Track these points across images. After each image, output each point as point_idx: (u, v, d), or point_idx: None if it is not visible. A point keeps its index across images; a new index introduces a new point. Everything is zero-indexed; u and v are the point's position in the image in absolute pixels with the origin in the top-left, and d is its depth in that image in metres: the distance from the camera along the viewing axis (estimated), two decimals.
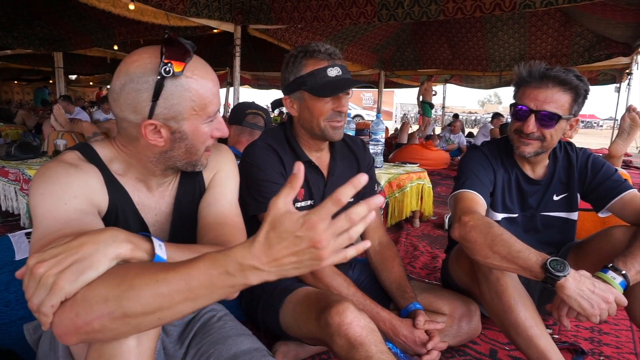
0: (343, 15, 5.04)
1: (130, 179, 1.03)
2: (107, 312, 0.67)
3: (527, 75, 1.48)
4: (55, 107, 3.36)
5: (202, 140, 0.98)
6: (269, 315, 1.38)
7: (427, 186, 3.43)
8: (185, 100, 0.92)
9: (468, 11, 4.46)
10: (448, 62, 8.88)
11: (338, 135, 1.47)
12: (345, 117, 1.47)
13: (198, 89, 0.92)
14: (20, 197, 2.60)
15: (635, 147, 12.15)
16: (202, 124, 0.96)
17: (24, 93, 17.44)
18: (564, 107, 1.46)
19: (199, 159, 1.02)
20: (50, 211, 0.83)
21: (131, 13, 5.13)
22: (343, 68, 1.42)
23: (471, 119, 30.00)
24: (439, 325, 1.37)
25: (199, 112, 0.94)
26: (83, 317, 0.68)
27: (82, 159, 0.97)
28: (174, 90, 0.90)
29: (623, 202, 1.52)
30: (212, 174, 1.13)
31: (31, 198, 0.86)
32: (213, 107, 0.96)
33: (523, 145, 1.53)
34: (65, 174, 0.90)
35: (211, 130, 0.99)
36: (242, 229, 1.07)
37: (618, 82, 9.92)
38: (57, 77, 8.36)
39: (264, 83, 14.37)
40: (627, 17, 5.44)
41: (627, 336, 1.83)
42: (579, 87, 1.46)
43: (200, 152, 1.00)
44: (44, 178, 0.88)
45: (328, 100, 1.41)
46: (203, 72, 0.94)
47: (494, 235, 1.30)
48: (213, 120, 0.99)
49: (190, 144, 0.97)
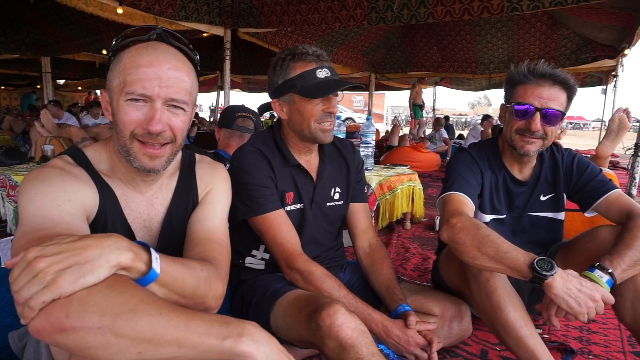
0: (332, 18, 5.06)
1: (118, 181, 1.02)
2: (98, 325, 0.66)
3: (530, 73, 1.48)
4: (43, 112, 3.33)
5: (123, 119, 0.91)
6: (259, 318, 1.37)
7: (418, 188, 3.45)
8: (116, 73, 0.92)
9: (457, 14, 4.51)
10: (438, 64, 8.96)
11: (328, 137, 1.47)
12: (335, 118, 1.47)
13: (126, 64, 0.91)
14: (7, 204, 2.57)
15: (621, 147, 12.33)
16: (122, 100, 0.91)
17: (11, 98, 17.23)
18: (563, 105, 1.49)
19: (130, 147, 0.93)
20: (42, 210, 0.83)
21: (120, 17, 5.11)
22: (331, 69, 1.43)
23: (461, 121, 30.20)
24: (430, 325, 1.38)
25: (121, 87, 0.91)
26: (73, 321, 0.66)
27: (71, 163, 0.98)
28: (112, 64, 0.95)
29: (608, 202, 1.54)
30: (206, 189, 1.14)
31: (22, 197, 0.85)
32: (136, 87, 0.89)
33: (527, 144, 1.52)
34: (59, 178, 0.90)
35: (138, 114, 0.91)
36: (228, 248, 1.08)
37: (604, 84, 10.08)
38: (45, 82, 8.30)
39: (255, 86, 14.37)
40: (612, 20, 5.54)
41: (615, 335, 1.85)
42: (573, 88, 1.50)
43: (125, 136, 0.92)
44: (38, 180, 0.88)
45: (318, 101, 1.41)
46: (144, 50, 0.92)
47: (482, 237, 1.31)
48: (142, 104, 0.91)
49: (116, 122, 0.94)
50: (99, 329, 0.65)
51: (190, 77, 0.96)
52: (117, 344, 0.66)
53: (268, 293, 1.40)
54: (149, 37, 0.94)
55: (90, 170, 0.98)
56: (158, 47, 0.93)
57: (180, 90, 0.93)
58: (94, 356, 0.67)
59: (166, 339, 0.68)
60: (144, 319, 0.67)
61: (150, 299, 0.71)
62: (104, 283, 0.69)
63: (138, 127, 0.91)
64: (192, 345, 0.69)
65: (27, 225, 0.81)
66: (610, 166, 8.22)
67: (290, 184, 1.50)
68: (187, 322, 0.70)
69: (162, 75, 0.90)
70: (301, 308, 1.26)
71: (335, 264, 1.63)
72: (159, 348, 0.68)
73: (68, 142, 3.15)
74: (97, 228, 0.97)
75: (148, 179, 1.04)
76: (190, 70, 0.97)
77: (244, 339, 0.71)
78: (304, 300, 1.28)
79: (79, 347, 0.67)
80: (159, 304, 0.71)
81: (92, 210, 0.96)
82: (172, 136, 0.95)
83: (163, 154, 0.95)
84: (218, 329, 0.71)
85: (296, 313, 1.27)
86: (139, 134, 0.92)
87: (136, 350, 0.67)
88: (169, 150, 0.96)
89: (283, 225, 1.42)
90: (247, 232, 1.50)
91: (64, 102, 13.21)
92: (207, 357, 0.71)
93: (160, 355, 0.69)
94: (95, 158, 1.01)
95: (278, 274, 1.47)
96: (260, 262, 1.56)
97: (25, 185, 0.87)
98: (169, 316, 0.69)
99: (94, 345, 0.66)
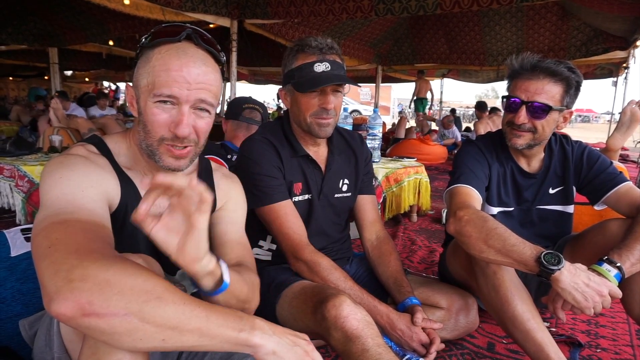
0: (340, 9, 5.02)
1: (138, 173, 1.03)
2: (124, 311, 0.66)
3: (519, 67, 1.49)
4: (53, 101, 3.33)
5: (151, 120, 0.92)
6: (265, 309, 1.38)
7: (425, 180, 3.43)
8: (145, 72, 0.92)
9: (465, 5, 4.46)
10: (445, 56, 8.87)
11: (324, 132, 1.44)
12: (333, 114, 1.43)
13: (156, 65, 0.91)
14: (16, 194, 2.59)
15: (632, 140, 12.19)
16: (150, 101, 0.91)
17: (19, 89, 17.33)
18: (554, 99, 1.46)
19: (156, 148, 0.95)
20: (66, 195, 0.83)
21: (126, 8, 5.10)
22: (333, 64, 1.39)
23: (468, 113, 29.97)
24: (436, 325, 1.38)
25: (150, 88, 0.91)
26: (96, 307, 0.65)
27: (95, 152, 0.99)
28: (141, 61, 0.94)
29: (618, 195, 1.52)
30: (224, 199, 1.16)
31: (45, 180, 0.86)
32: (164, 89, 0.90)
33: (515, 137, 1.53)
34: (84, 164, 0.91)
35: (166, 117, 0.92)
36: (252, 252, 1.18)
37: (615, 76, 9.91)
38: (52, 72, 8.32)
39: (261, 78, 14.33)
40: (624, 10, 5.44)
41: (623, 329, 1.84)
42: (570, 79, 1.46)
43: (153, 138, 0.93)
44: (62, 165, 0.89)
45: (314, 95, 1.39)
46: (175, 53, 0.91)
47: (489, 229, 1.30)
48: (169, 106, 0.92)
49: (144, 121, 0.94)
50: (125, 315, 0.66)
51: (217, 81, 0.97)
52: (143, 329, 0.67)
53: (274, 284, 1.41)
54: (179, 38, 0.94)
55: (112, 161, 0.99)
56: (188, 51, 0.93)
57: (208, 94, 0.94)
58: (118, 342, 0.68)
59: (189, 327, 0.70)
60: (170, 306, 0.69)
61: (173, 289, 0.72)
62: (125, 271, 0.70)
63: (166, 131, 0.93)
64: (212, 336, 0.72)
65: (50, 208, 0.81)
66: (620, 159, 8.13)
67: (298, 175, 1.50)
68: (207, 314, 0.72)
69: (191, 81, 0.91)
70: (307, 299, 1.26)
71: (342, 256, 1.63)
72: (181, 336, 0.70)
73: (75, 133, 3.16)
74: (118, 218, 0.98)
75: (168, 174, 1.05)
76: (217, 73, 0.98)
77: (256, 331, 0.75)
78: (310, 291, 1.29)
79: (103, 332, 0.67)
80: (182, 294, 0.73)
81: (114, 200, 0.96)
82: (195, 139, 0.96)
83: (187, 155, 0.97)
84: (233, 322, 0.74)
85: (302, 304, 1.27)
86: (168, 138, 0.93)
87: (160, 337, 0.69)
88: (192, 151, 0.98)
89: (290, 216, 1.42)
90: (254, 222, 1.50)
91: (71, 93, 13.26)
92: (222, 347, 0.74)
93: (182, 343, 0.71)
94: (115, 150, 1.02)
95: (284, 265, 1.48)
96: (267, 253, 1.56)
97: (50, 170, 0.88)
98: (191, 306, 0.71)
99: (120, 330, 0.67)
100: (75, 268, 0.67)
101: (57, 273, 0.67)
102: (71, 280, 0.66)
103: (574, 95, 1.50)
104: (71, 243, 0.73)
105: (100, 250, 0.73)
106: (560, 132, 1.63)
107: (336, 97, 1.42)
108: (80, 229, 0.77)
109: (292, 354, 0.78)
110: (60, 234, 0.75)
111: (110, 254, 0.74)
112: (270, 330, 0.78)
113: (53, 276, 0.67)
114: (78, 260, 0.69)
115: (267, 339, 0.76)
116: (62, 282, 0.66)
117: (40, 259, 0.71)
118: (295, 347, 0.79)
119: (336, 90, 1.41)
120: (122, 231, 0.99)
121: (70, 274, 0.67)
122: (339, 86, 1.41)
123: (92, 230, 0.79)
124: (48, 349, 0.95)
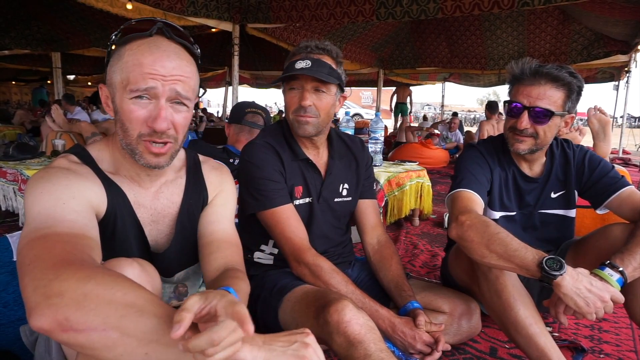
0: (341, 13, 5.03)
1: (124, 177, 1.03)
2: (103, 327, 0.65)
3: (520, 72, 1.49)
4: (53, 107, 3.35)
5: (128, 117, 0.91)
6: (267, 314, 1.38)
7: (427, 184, 3.43)
8: (118, 70, 0.92)
9: (467, 9, 4.46)
10: (447, 60, 8.87)
11: (302, 130, 1.43)
12: (314, 113, 1.40)
13: (129, 61, 0.90)
14: (19, 198, 2.60)
15: (634, 144, 12.15)
16: (127, 98, 0.91)
17: (22, 93, 17.41)
18: (557, 104, 1.46)
19: (135, 146, 0.94)
20: (47, 209, 0.83)
21: (129, 13, 5.12)
22: (316, 62, 1.37)
23: (470, 117, 29.95)
24: (439, 327, 1.37)
25: (124, 84, 0.91)
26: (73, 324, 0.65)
27: (77, 161, 0.98)
28: (113, 59, 0.94)
29: (620, 199, 1.52)
30: (216, 192, 1.16)
31: (27, 198, 0.86)
32: (140, 83, 0.89)
33: (517, 142, 1.53)
34: (64, 176, 0.90)
35: (143, 112, 0.91)
36: (241, 248, 1.15)
37: (617, 80, 9.91)
38: (55, 77, 8.36)
39: (263, 82, 14.33)
40: (625, 14, 5.45)
41: (627, 334, 1.83)
42: (572, 84, 1.46)
43: (132, 136, 0.93)
44: (43, 180, 0.88)
45: (295, 93, 1.41)
46: (147, 48, 0.91)
47: (491, 234, 1.30)
48: (146, 101, 0.91)
49: (121, 120, 0.94)
50: (103, 331, 0.65)
51: (192, 73, 0.97)
52: (124, 344, 0.66)
53: (276, 288, 1.40)
54: (150, 32, 0.93)
55: (96, 169, 0.99)
56: (161, 45, 0.93)
57: (184, 86, 0.93)
58: (100, 356, 0.67)
59: (174, 340, 0.67)
60: (152, 319, 0.67)
61: (156, 301, 0.70)
62: (104, 284, 0.68)
63: (144, 127, 0.92)
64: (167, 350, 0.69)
65: (32, 224, 0.81)
66: (622, 163, 8.13)
67: (299, 178, 1.50)
68: None
69: (165, 74, 0.90)
70: (309, 303, 1.26)
71: (343, 260, 1.63)
72: (166, 349, 0.67)
73: (78, 137, 3.17)
74: (108, 224, 0.98)
75: (152, 174, 1.06)
76: (192, 65, 0.98)
77: (245, 346, 0.71)
78: (312, 295, 1.29)
79: (83, 346, 0.66)
80: (165, 306, 0.71)
81: (101, 207, 0.96)
82: (174, 134, 0.95)
83: (167, 152, 0.96)
84: None
85: (304, 308, 1.27)
86: (146, 134, 0.92)
87: (143, 351, 0.67)
88: (172, 148, 0.97)
89: (292, 220, 1.42)
90: (255, 227, 1.50)
91: None
92: None
93: (166, 356, 0.68)
94: (99, 157, 1.01)
95: (286, 269, 1.47)
96: (269, 257, 1.56)
97: (32, 185, 0.88)
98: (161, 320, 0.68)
99: (99, 346, 0.65)
100: (52, 282, 0.67)
101: (36, 289, 0.67)
102: (48, 296, 0.66)
103: (575, 100, 1.50)
104: (49, 258, 0.72)
105: (79, 263, 0.73)
106: None
107: (318, 96, 1.40)
108: (59, 242, 0.77)
109: (286, 357, 0.75)
110: (38, 250, 0.74)
111: (89, 266, 0.73)
112: (260, 340, 0.75)
113: (32, 292, 0.67)
114: (55, 274, 0.68)
115: (256, 352, 0.73)
116: (41, 297, 0.66)
117: (22, 276, 0.71)
118: (290, 348, 0.77)
119: (318, 90, 1.40)
120: (114, 236, 0.99)
121: (47, 290, 0.67)
122: (322, 85, 1.39)
123: (71, 242, 0.78)
124: (47, 355, 0.96)
